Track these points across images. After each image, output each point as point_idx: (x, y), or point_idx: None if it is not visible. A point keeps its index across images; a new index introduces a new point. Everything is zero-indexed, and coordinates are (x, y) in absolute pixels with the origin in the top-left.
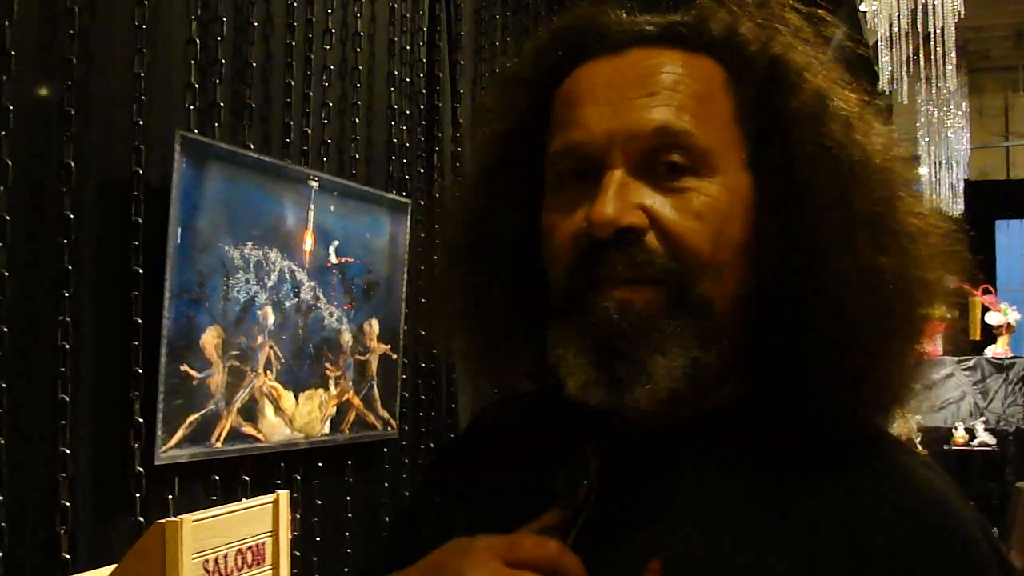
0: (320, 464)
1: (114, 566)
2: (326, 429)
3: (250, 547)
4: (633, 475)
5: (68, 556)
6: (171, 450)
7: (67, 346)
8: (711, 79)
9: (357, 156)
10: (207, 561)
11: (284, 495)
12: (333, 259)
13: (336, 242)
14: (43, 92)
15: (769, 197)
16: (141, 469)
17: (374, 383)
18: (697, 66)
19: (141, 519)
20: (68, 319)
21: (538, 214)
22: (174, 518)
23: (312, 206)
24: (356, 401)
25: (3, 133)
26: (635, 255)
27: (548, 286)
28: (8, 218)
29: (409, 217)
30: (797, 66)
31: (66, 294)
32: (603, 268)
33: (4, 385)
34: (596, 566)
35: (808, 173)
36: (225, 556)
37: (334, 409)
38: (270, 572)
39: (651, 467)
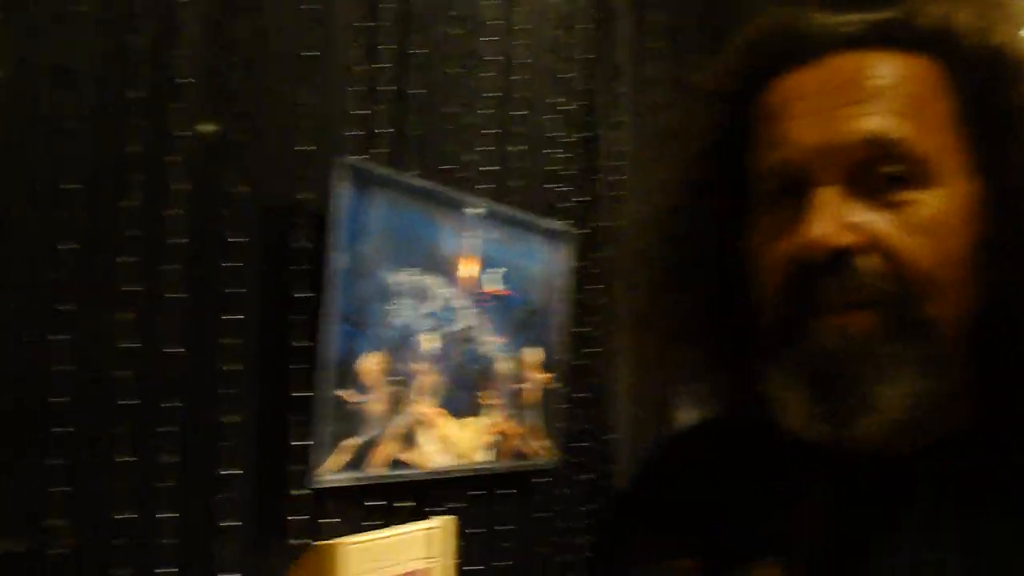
0: (477, 493)
1: None
2: (483, 457)
3: (409, 574)
4: (855, 514)
5: None
6: (329, 475)
7: (227, 369)
8: (925, 79)
9: (516, 184)
10: None
11: (450, 521)
12: (492, 287)
13: (495, 270)
14: (208, 120)
15: (994, 206)
16: (298, 493)
17: (532, 413)
18: (908, 66)
19: (297, 543)
20: (230, 342)
21: (741, 236)
22: (333, 541)
23: (471, 233)
24: (514, 430)
25: (168, 159)
26: (851, 278)
27: (755, 313)
28: (177, 243)
29: (568, 246)
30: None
31: (227, 318)
32: (816, 294)
33: (166, 405)
34: None
35: None
36: None
37: (492, 438)
38: None
39: (873, 505)
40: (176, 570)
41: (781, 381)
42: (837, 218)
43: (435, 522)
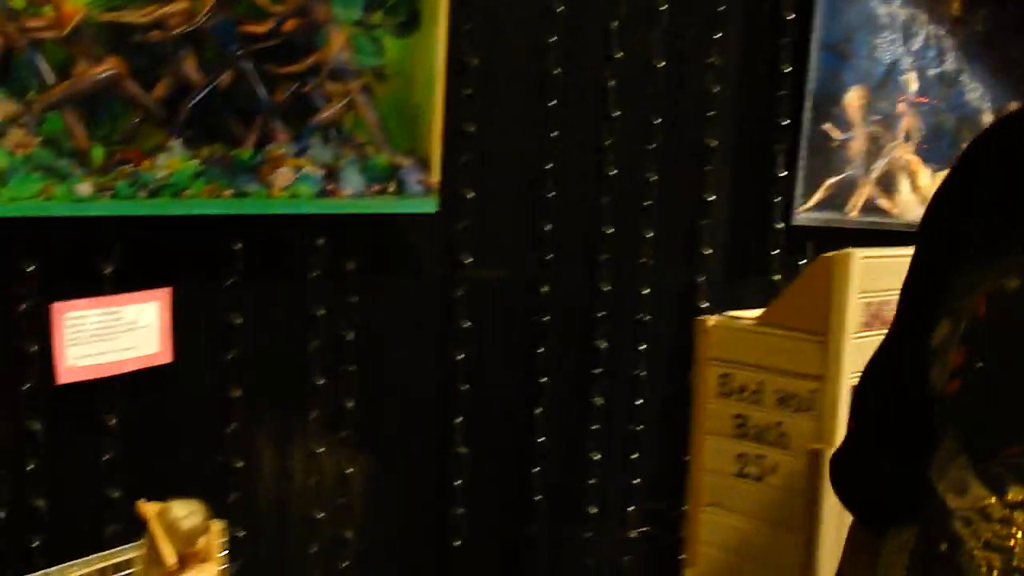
0: None
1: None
2: None
3: None
4: None
5: (703, 305)
6: (808, 212)
7: (714, 90)
8: None
9: None
10: (871, 304)
11: None
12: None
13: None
14: None
15: None
16: (778, 227)
17: None
18: None
19: (773, 278)
20: (714, 62)
21: None
22: (842, 252)
23: None
24: None
25: None
26: None
27: None
28: None
29: None
30: None
31: (716, 37)
32: None
33: (652, 120)
34: None
35: None
36: (888, 303)
37: None
38: None
39: None
40: (650, 290)
41: None
42: None
43: None
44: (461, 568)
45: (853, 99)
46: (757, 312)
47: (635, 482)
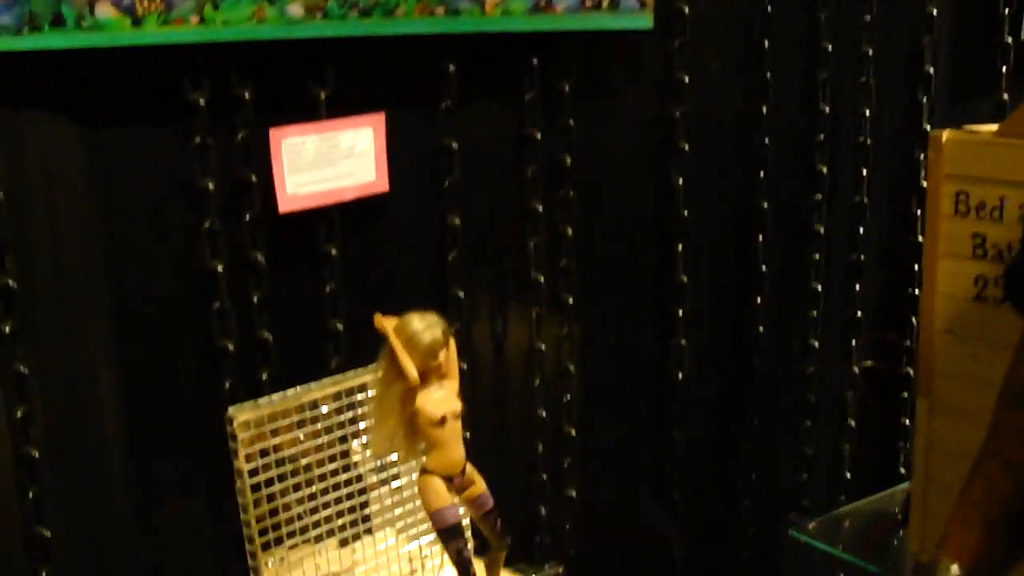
0: None
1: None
2: None
3: None
4: None
5: (927, 128)
6: None
7: None
8: None
9: None
10: None
11: None
12: None
13: None
14: None
15: None
16: (1007, 41)
17: None
18: None
19: (1002, 97)
20: None
21: None
22: None
23: None
24: None
25: None
26: None
27: None
28: None
29: None
30: None
31: None
32: None
33: None
34: None
35: None
36: None
37: None
38: None
39: None
40: (871, 112)
41: None
42: None
43: None
44: (683, 400)
45: None
46: (993, 127)
47: (859, 313)
